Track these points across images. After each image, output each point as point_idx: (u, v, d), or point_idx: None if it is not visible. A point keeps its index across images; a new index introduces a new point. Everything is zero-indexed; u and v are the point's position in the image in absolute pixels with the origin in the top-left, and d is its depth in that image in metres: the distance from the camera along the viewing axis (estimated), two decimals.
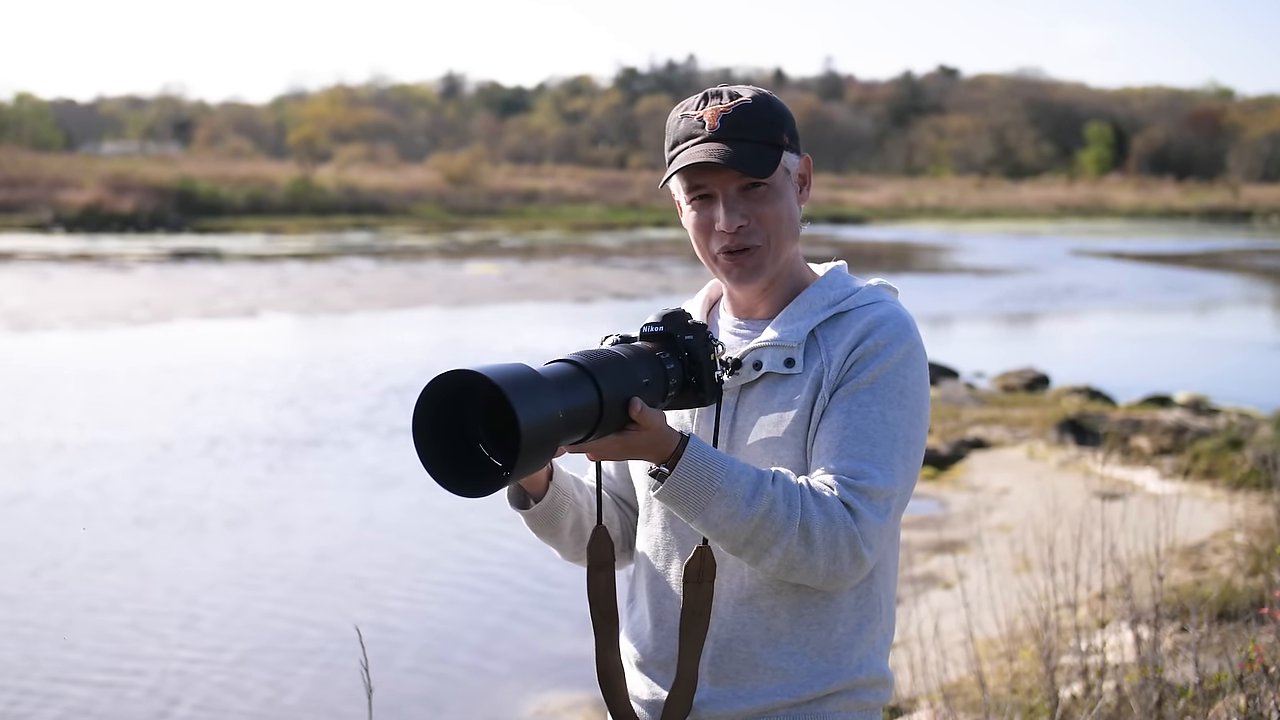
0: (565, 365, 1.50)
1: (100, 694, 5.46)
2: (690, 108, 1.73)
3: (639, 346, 1.62)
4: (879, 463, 1.63)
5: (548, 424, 1.40)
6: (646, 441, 1.55)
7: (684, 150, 1.70)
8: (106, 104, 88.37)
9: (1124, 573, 3.87)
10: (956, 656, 4.76)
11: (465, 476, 1.44)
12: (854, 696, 1.71)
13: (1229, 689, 3.41)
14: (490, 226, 43.28)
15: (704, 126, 1.69)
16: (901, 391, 1.67)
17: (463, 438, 1.45)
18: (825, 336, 1.71)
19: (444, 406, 1.44)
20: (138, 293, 21.02)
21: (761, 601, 1.69)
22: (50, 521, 8.01)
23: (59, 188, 40.73)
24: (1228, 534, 6.88)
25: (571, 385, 1.46)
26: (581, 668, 5.70)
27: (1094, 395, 12.03)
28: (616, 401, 1.51)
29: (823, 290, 1.75)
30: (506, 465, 1.42)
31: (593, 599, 1.75)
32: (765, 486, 1.57)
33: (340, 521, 8.19)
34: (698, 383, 1.64)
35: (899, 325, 1.69)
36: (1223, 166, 69.58)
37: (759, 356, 1.72)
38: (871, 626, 1.72)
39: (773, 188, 1.70)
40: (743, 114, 1.69)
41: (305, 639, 6.11)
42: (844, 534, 1.59)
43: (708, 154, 1.66)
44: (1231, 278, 28.22)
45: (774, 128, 1.70)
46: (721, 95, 1.71)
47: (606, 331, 1.71)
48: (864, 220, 50.35)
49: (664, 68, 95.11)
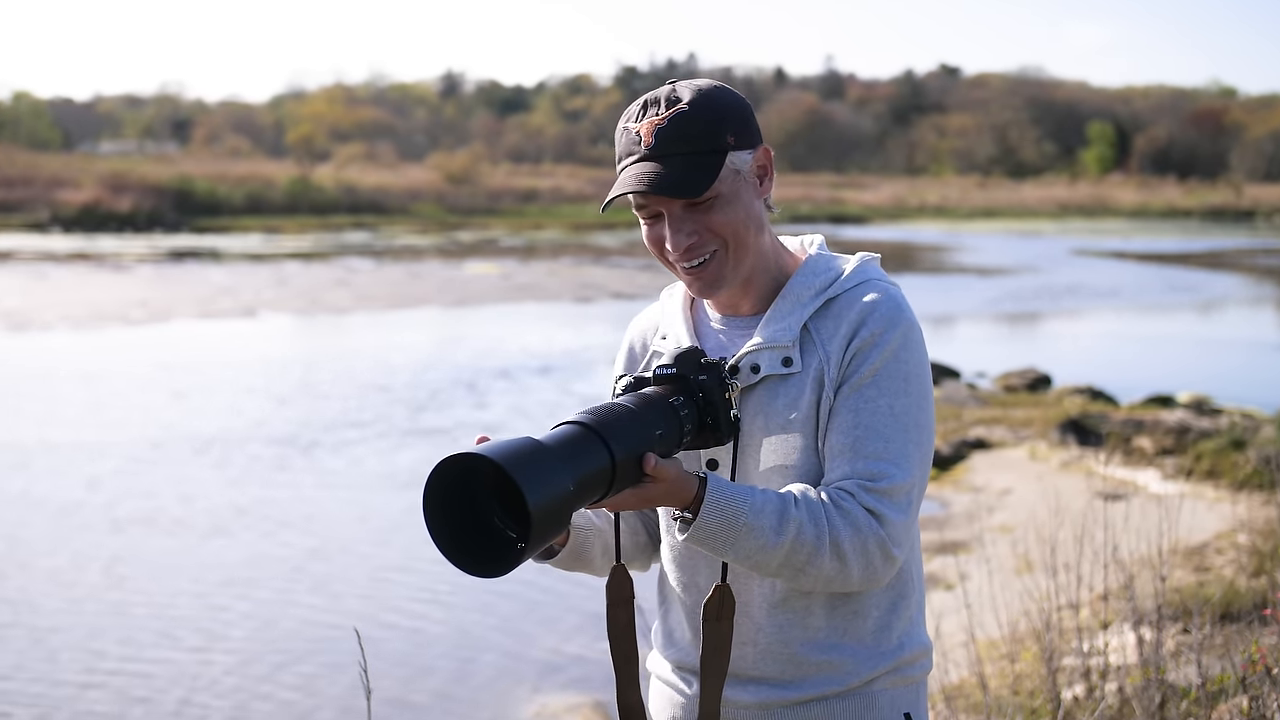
0: (574, 429, 1.48)
1: (100, 695, 5.43)
2: (631, 118, 1.68)
3: (649, 395, 1.59)
4: (894, 459, 1.63)
5: (558, 499, 1.40)
6: (664, 492, 1.55)
7: (623, 170, 1.67)
8: (104, 103, 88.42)
9: (1126, 574, 3.85)
10: (958, 658, 4.75)
11: (482, 557, 1.44)
12: (900, 674, 1.73)
13: (1232, 690, 3.41)
14: (489, 226, 43.28)
15: (639, 143, 1.65)
16: (905, 378, 1.66)
17: (475, 515, 1.45)
18: (819, 329, 1.69)
19: (452, 488, 1.43)
20: (135, 292, 21.00)
21: (795, 603, 1.70)
22: (44, 521, 7.97)
23: (56, 187, 40.73)
24: (1230, 535, 6.85)
25: (581, 450, 1.45)
26: (581, 669, 5.68)
27: (1096, 395, 12.00)
28: (630, 460, 1.50)
29: (807, 279, 1.72)
30: (522, 538, 1.42)
31: (613, 638, 1.75)
32: (790, 512, 1.58)
33: (339, 522, 8.15)
34: (714, 423, 1.63)
35: (891, 309, 1.67)
36: (1225, 166, 69.59)
37: (755, 360, 1.70)
38: (905, 602, 1.74)
39: (721, 196, 1.66)
40: (677, 126, 1.63)
41: (305, 640, 6.08)
42: (873, 540, 1.61)
43: (638, 180, 1.62)
44: (1234, 277, 28.19)
45: (714, 133, 1.65)
46: (660, 103, 1.66)
47: (606, 331, 1.69)
48: (865, 220, 50.36)
49: (664, 67, 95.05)
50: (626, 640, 1.75)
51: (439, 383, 13.04)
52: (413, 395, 12.37)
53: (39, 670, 5.68)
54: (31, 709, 5.25)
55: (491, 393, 12.51)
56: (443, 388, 12.78)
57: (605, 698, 5.27)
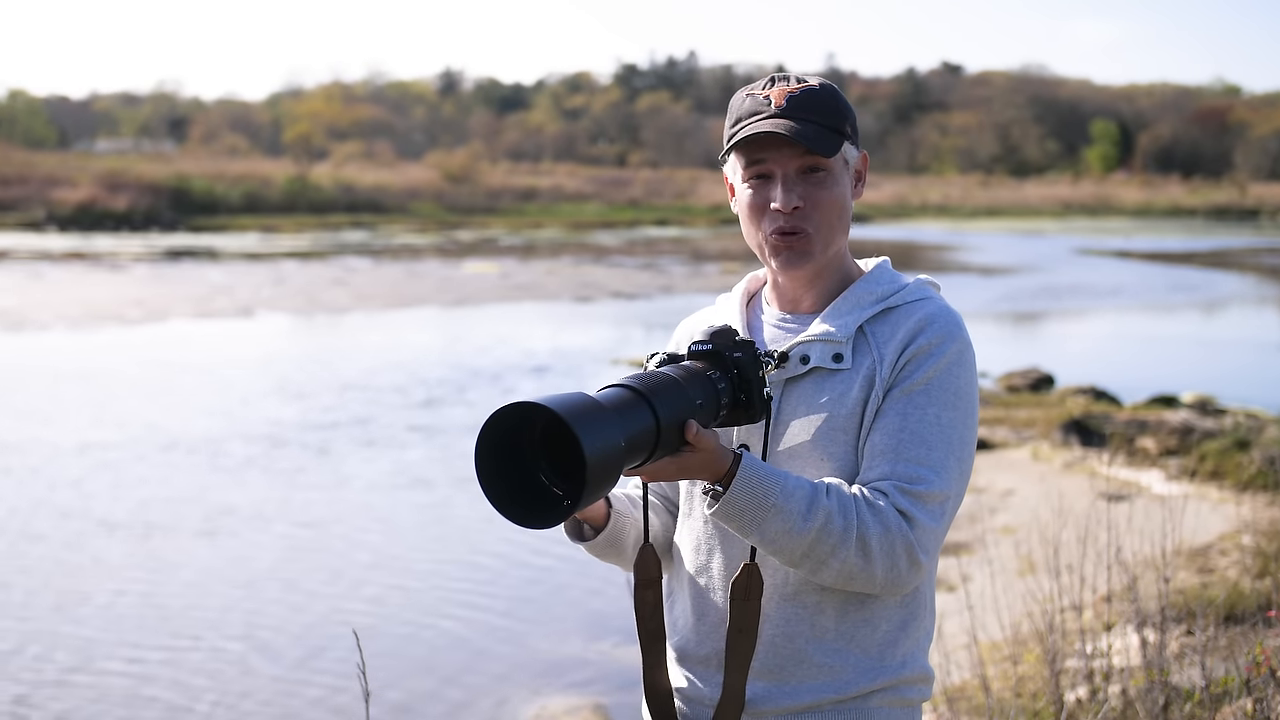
0: (622, 390, 1.51)
1: (91, 695, 5.38)
2: (757, 88, 1.74)
3: (689, 366, 1.62)
4: (935, 466, 1.64)
5: (611, 453, 1.42)
6: (701, 462, 1.57)
7: (748, 124, 1.71)
8: (100, 101, 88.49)
9: (1129, 575, 3.84)
10: (960, 660, 4.75)
11: (530, 509, 1.46)
12: (898, 693, 1.72)
13: (1236, 693, 3.40)
14: (488, 225, 43.28)
15: (770, 104, 1.70)
16: (956, 393, 1.68)
17: (523, 469, 1.47)
18: (875, 333, 1.71)
19: (504, 438, 1.45)
20: (132, 292, 20.97)
21: (807, 598, 1.69)
22: (42, 521, 7.91)
23: (52, 185, 40.73)
24: (1235, 536, 6.80)
25: (630, 411, 1.48)
26: (581, 672, 5.65)
27: (1099, 396, 11.95)
28: (673, 425, 1.53)
29: (870, 285, 1.75)
30: (569, 495, 1.44)
31: (641, 616, 1.77)
32: (820, 500, 1.59)
33: (336, 522, 8.11)
34: (748, 400, 1.65)
35: (950, 324, 1.70)
36: (1230, 164, 69.58)
37: (806, 350, 1.71)
38: (916, 624, 1.73)
39: (831, 173, 1.71)
40: (810, 96, 1.70)
41: (302, 641, 6.04)
42: (900, 542, 1.61)
43: (774, 126, 1.67)
44: (1238, 276, 28.17)
45: (839, 115, 1.72)
46: (789, 79, 1.74)
47: (606, 331, 1.65)
48: (867, 218, 50.36)
49: (664, 64, 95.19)
50: (654, 618, 1.76)
51: (438, 383, 13.00)
52: (411, 395, 12.32)
53: (21, 670, 5.62)
54: (16, 707, 5.21)
55: (491, 393, 12.46)
56: (442, 388, 12.73)
57: (606, 700, 5.26)
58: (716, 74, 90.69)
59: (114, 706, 5.29)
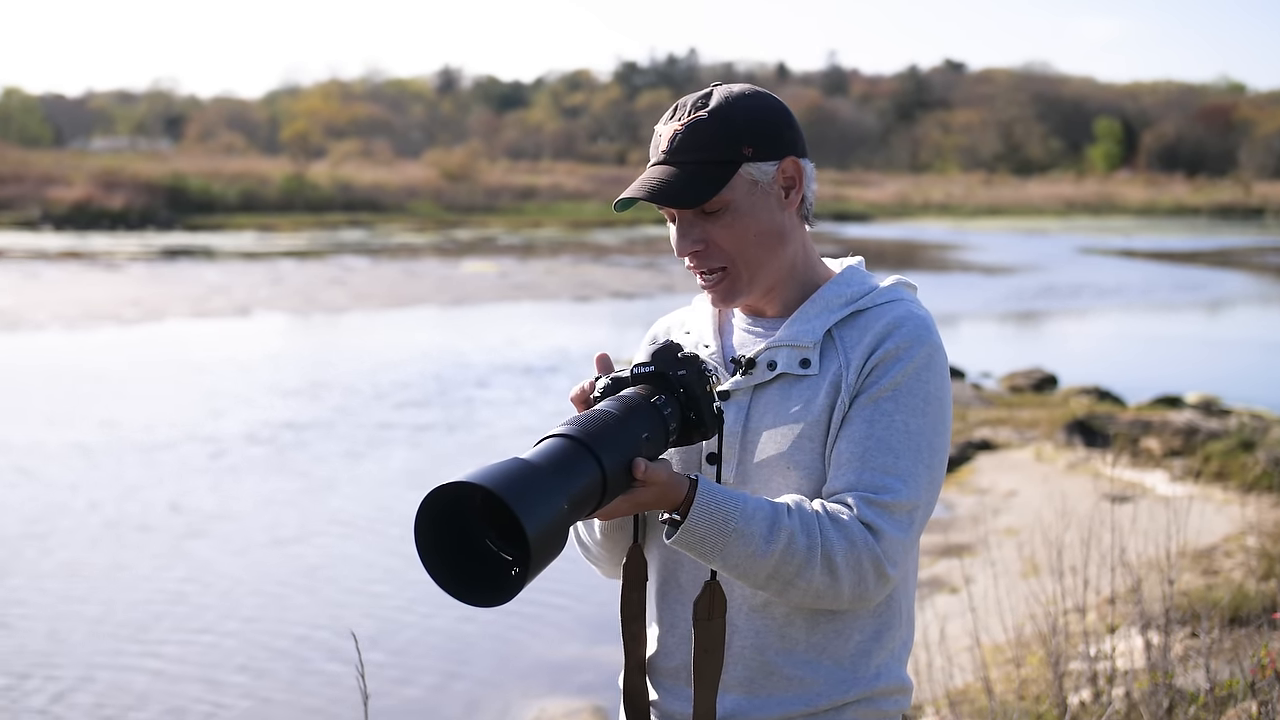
0: (561, 442, 1.45)
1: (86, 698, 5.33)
2: (663, 120, 1.71)
3: (629, 397, 1.56)
4: (902, 475, 1.61)
5: (555, 520, 1.38)
6: (655, 496, 1.53)
7: (644, 171, 1.70)
8: (96, 99, 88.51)
9: (1134, 577, 3.82)
10: (963, 662, 4.75)
11: (480, 587, 1.41)
12: (873, 705, 1.68)
13: (1241, 695, 3.41)
14: (487, 224, 43.23)
15: (660, 145, 1.68)
16: (924, 398, 1.64)
17: (467, 541, 1.42)
18: (842, 337, 1.68)
19: (443, 516, 1.41)
20: (128, 291, 20.93)
21: (776, 610, 1.66)
22: (38, 520, 7.87)
23: (48, 184, 40.64)
24: (1239, 537, 6.76)
25: (571, 465, 1.43)
26: (579, 675, 5.63)
27: (1103, 396, 11.91)
28: (620, 468, 1.48)
29: (839, 288, 1.72)
30: (518, 562, 1.40)
31: (625, 619, 1.73)
32: (782, 520, 1.55)
33: (334, 523, 8.08)
34: (698, 418, 1.60)
35: (918, 327, 1.66)
36: (1234, 162, 69.52)
37: (773, 356, 1.69)
38: (891, 634, 1.70)
39: (731, 208, 1.65)
40: (692, 134, 1.65)
41: (300, 643, 6.01)
42: (867, 556, 1.57)
43: (642, 184, 1.65)
44: (1243, 276, 28.14)
45: (729, 143, 1.64)
46: (686, 108, 1.68)
47: (605, 330, 1.59)
48: (868, 217, 50.34)
49: (664, 62, 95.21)
50: (637, 624, 1.73)
51: (437, 382, 12.97)
52: (410, 395, 12.29)
53: (13, 672, 5.58)
54: (13, 708, 5.19)
55: (490, 392, 12.45)
56: (441, 387, 12.70)
57: (604, 703, 5.25)
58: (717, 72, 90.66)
59: (111, 710, 5.26)
